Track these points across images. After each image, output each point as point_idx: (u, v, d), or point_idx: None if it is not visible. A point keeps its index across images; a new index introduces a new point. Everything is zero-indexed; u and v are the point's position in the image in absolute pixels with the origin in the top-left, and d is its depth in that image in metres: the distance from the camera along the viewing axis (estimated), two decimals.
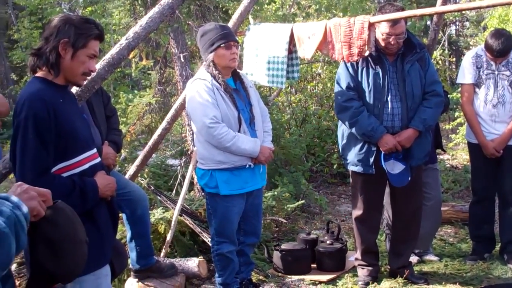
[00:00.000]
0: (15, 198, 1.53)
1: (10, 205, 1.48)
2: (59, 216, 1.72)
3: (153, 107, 7.48)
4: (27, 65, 8.66)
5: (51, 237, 1.68)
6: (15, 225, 1.43)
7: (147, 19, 3.32)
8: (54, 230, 1.69)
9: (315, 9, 8.62)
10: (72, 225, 1.77)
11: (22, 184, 1.65)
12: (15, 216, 1.45)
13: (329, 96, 9.56)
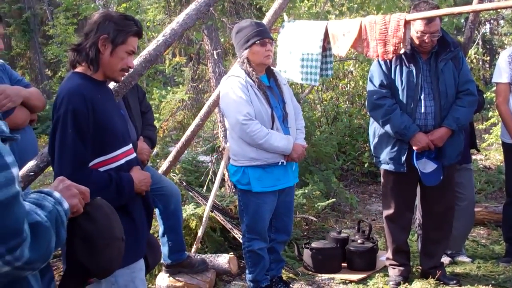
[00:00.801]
0: (58, 194, 1.55)
1: (53, 201, 1.51)
2: (97, 212, 1.75)
3: (186, 104, 7.54)
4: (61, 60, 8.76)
5: (88, 233, 1.71)
6: (56, 220, 1.46)
7: (184, 16, 3.34)
8: (92, 226, 1.72)
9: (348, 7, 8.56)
10: (109, 222, 1.80)
11: (65, 180, 1.69)
12: (57, 212, 1.48)
13: (361, 94, 9.49)
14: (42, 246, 1.37)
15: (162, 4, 5.78)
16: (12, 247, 1.28)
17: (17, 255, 1.29)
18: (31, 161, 3.09)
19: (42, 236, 1.37)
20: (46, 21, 16.27)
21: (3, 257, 1.28)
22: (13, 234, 1.28)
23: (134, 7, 8.87)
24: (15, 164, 1.35)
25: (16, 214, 1.29)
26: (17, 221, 1.29)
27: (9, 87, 3.17)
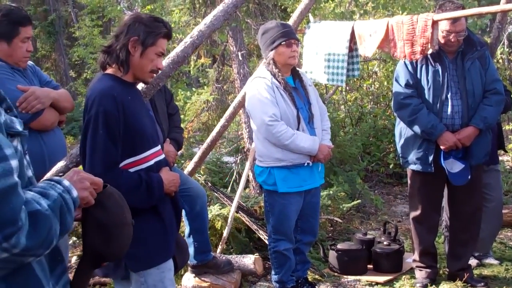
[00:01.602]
0: (67, 183, 1.60)
1: (61, 188, 1.56)
2: (109, 200, 1.80)
3: (211, 105, 7.56)
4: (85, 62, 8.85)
5: (101, 221, 1.77)
6: (61, 207, 1.51)
7: (212, 17, 3.34)
8: (104, 214, 1.77)
9: (372, 7, 8.52)
10: (120, 209, 1.85)
11: (79, 172, 1.72)
12: (62, 200, 1.53)
13: (385, 94, 9.43)
14: (41, 233, 1.42)
15: (187, 6, 5.81)
16: (7, 235, 1.33)
17: (13, 242, 1.35)
18: (60, 161, 3.13)
19: (41, 224, 1.42)
20: (71, 23, 16.45)
21: (0, 244, 1.33)
22: (8, 222, 1.34)
23: (159, 9, 8.93)
24: (14, 157, 1.40)
25: (12, 204, 1.35)
26: (13, 210, 1.35)
27: (38, 89, 3.21)
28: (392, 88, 4.43)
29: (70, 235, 4.27)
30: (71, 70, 16.34)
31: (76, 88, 14.05)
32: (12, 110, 1.58)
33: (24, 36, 3.20)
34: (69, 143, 10.91)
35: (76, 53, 12.48)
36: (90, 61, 11.84)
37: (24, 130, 1.58)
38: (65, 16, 17.30)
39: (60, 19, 16.79)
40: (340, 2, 8.54)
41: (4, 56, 3.18)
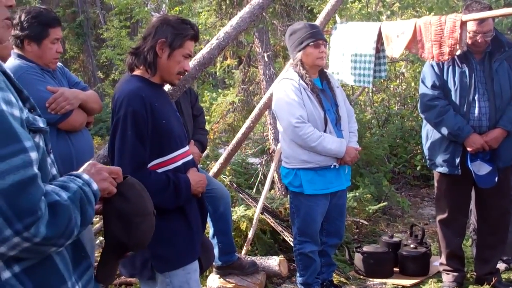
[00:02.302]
0: (86, 176, 1.64)
1: (81, 182, 1.59)
2: (130, 191, 1.81)
3: (236, 106, 7.57)
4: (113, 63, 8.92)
5: (123, 211, 1.78)
6: (81, 199, 1.54)
7: (238, 19, 3.35)
8: (125, 204, 1.79)
9: (399, 7, 8.46)
10: (142, 199, 1.86)
11: (96, 164, 1.76)
12: (82, 192, 1.56)
13: (412, 95, 9.34)
14: (61, 223, 1.46)
15: (214, 7, 5.83)
16: (28, 224, 1.38)
17: (33, 231, 1.39)
18: (87, 162, 3.16)
19: (61, 215, 1.46)
20: (98, 25, 16.63)
21: (21, 233, 1.38)
22: (29, 212, 1.38)
23: (186, 10, 8.97)
24: (34, 149, 1.44)
25: (32, 194, 1.39)
26: (33, 200, 1.39)
27: (67, 90, 3.25)
28: (419, 89, 4.38)
29: (97, 235, 4.31)
30: (99, 71, 16.51)
31: (103, 89, 14.20)
32: (35, 110, 1.63)
33: (54, 38, 3.24)
34: (97, 144, 11.03)
35: (104, 54, 12.61)
36: (117, 62, 11.95)
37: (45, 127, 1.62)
38: (93, 18, 17.51)
39: (88, 21, 17.00)
40: (367, 2, 8.49)
41: (34, 57, 3.23)
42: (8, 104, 1.43)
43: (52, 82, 3.27)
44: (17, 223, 1.36)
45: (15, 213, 1.36)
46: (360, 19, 7.47)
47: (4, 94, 1.44)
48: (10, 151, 1.38)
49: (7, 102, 1.43)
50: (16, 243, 1.39)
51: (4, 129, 1.39)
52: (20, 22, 3.17)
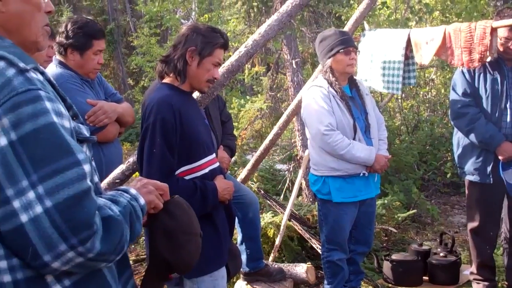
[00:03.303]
0: (134, 191, 1.64)
1: (128, 197, 1.59)
2: (177, 209, 1.81)
3: (264, 113, 7.59)
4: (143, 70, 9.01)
5: (169, 228, 1.78)
6: (130, 214, 1.53)
7: (266, 27, 3.36)
8: (172, 222, 1.78)
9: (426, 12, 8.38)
10: (189, 218, 1.86)
11: (142, 179, 1.77)
12: (131, 207, 1.55)
13: (442, 102, 9.24)
14: (114, 239, 1.44)
15: (242, 15, 5.86)
16: (83, 238, 1.35)
17: (89, 246, 1.36)
18: (117, 168, 3.20)
19: (114, 229, 1.44)
20: (129, 32, 16.82)
21: (76, 248, 1.35)
22: (84, 226, 1.36)
23: (215, 18, 9.03)
24: (87, 161, 1.42)
25: (87, 208, 1.37)
26: (88, 214, 1.37)
27: (106, 104, 3.30)
28: (449, 96, 4.33)
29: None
30: (129, 78, 16.67)
31: (133, 95, 14.34)
32: (78, 117, 1.61)
33: (97, 49, 3.31)
34: (126, 150, 11.14)
35: (134, 61, 12.72)
36: (147, 69, 12.06)
37: (92, 136, 1.63)
38: (123, 26, 17.71)
39: (118, 29, 17.20)
40: (395, 9, 8.43)
41: (76, 66, 3.29)
42: (59, 116, 1.41)
43: (90, 92, 3.34)
44: (72, 238, 1.34)
45: (70, 228, 1.33)
46: (388, 25, 7.42)
47: (54, 105, 1.41)
48: (64, 164, 1.36)
49: (58, 113, 1.41)
50: (70, 258, 1.36)
51: (57, 142, 1.37)
52: (66, 30, 3.25)
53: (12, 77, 1.38)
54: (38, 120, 1.35)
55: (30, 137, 1.34)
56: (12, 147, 1.33)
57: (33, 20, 1.55)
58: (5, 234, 1.35)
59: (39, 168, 1.33)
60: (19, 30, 1.53)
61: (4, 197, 1.33)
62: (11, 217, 1.33)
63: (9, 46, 1.46)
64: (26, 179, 1.33)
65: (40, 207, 1.32)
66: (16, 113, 1.34)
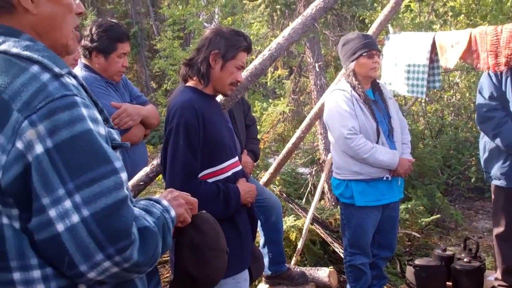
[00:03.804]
0: (166, 202, 1.61)
1: (161, 208, 1.57)
2: (204, 224, 1.80)
3: (287, 116, 7.59)
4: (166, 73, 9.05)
5: (196, 243, 1.76)
6: (163, 226, 1.51)
7: (290, 30, 3.36)
8: (199, 236, 1.77)
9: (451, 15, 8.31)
10: (216, 234, 1.84)
11: (173, 191, 1.75)
12: (164, 219, 1.53)
13: (467, 106, 9.15)
14: (150, 250, 1.41)
15: (266, 18, 5.88)
16: (121, 248, 1.33)
17: (127, 256, 1.34)
18: (141, 171, 3.22)
19: (150, 240, 1.42)
20: (152, 36, 16.94)
21: (112, 257, 1.33)
22: (122, 235, 1.33)
23: (238, 21, 9.05)
24: (123, 169, 1.40)
25: (124, 217, 1.35)
26: (126, 223, 1.35)
27: (130, 106, 3.32)
28: (474, 99, 4.29)
29: None
30: (152, 81, 16.80)
31: (156, 98, 14.42)
32: (109, 122, 1.58)
33: (121, 52, 3.33)
34: (149, 152, 11.19)
35: (157, 64, 12.80)
36: (170, 73, 12.12)
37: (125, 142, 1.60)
38: (146, 29, 17.84)
39: (142, 32, 17.34)
40: (420, 12, 8.38)
41: (100, 69, 3.32)
42: (95, 122, 1.39)
43: (115, 95, 3.36)
44: (109, 247, 1.32)
45: (107, 237, 1.31)
46: (412, 29, 7.38)
47: (90, 112, 1.38)
48: (101, 173, 1.33)
49: (94, 119, 1.39)
50: (106, 268, 1.35)
51: (94, 150, 1.34)
52: (91, 34, 3.28)
53: (47, 82, 1.35)
54: (74, 127, 1.32)
55: (66, 144, 1.31)
56: (48, 155, 1.30)
57: (64, 22, 1.52)
58: (40, 243, 1.33)
59: (76, 177, 1.31)
60: (49, 33, 1.49)
61: (40, 205, 1.31)
62: (47, 226, 1.31)
63: (42, 49, 1.43)
64: (63, 188, 1.30)
65: (77, 216, 1.30)
66: (52, 119, 1.30)
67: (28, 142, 1.30)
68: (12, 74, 1.35)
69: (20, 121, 1.30)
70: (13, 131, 1.30)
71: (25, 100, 1.31)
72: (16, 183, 1.31)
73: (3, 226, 1.35)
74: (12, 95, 1.32)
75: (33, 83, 1.33)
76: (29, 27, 1.46)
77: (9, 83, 1.33)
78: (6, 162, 1.30)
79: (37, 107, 1.30)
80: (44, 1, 1.46)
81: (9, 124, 1.30)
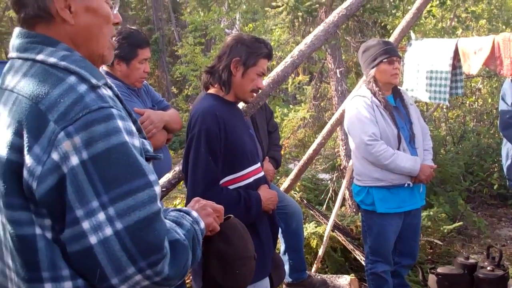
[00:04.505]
0: (195, 214, 1.61)
1: (190, 220, 1.56)
2: (232, 232, 1.79)
3: (307, 122, 7.57)
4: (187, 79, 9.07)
5: (224, 252, 1.76)
6: (193, 239, 1.50)
7: (312, 37, 3.36)
8: (227, 246, 1.77)
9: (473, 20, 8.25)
10: (243, 242, 1.84)
11: (200, 200, 1.75)
12: (194, 231, 1.53)
13: (489, 112, 9.05)
14: (180, 263, 1.41)
15: (287, 24, 5.88)
16: (153, 262, 1.33)
17: (158, 270, 1.34)
18: (163, 177, 3.24)
19: (180, 254, 1.41)
20: (173, 41, 17.06)
21: (144, 271, 1.32)
22: (155, 249, 1.33)
23: (260, 27, 9.07)
24: (157, 183, 1.39)
25: (157, 231, 1.34)
26: (159, 237, 1.34)
27: (152, 113, 3.34)
28: (497, 105, 4.25)
29: None
30: (173, 86, 16.90)
31: (177, 104, 14.51)
32: (141, 132, 1.57)
33: (142, 58, 3.36)
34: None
35: (178, 70, 12.89)
36: (191, 78, 12.19)
37: (159, 155, 1.59)
38: (168, 35, 17.98)
39: (163, 38, 17.48)
40: (442, 18, 8.32)
41: (122, 76, 3.35)
42: (130, 135, 1.38)
43: (137, 101, 3.39)
44: (141, 261, 1.31)
45: (140, 251, 1.31)
46: (434, 35, 7.33)
47: (125, 124, 1.38)
48: (136, 186, 1.33)
49: (129, 132, 1.38)
50: (137, 281, 1.34)
51: (129, 162, 1.34)
52: None
53: (84, 94, 1.34)
54: (110, 140, 1.32)
55: (102, 157, 1.30)
56: (83, 167, 1.29)
57: (101, 33, 1.52)
58: (72, 254, 1.33)
59: (110, 189, 1.30)
60: (87, 43, 1.50)
61: (74, 217, 1.30)
62: (80, 238, 1.31)
63: (79, 60, 1.43)
64: (97, 200, 1.30)
65: (110, 229, 1.30)
66: (88, 131, 1.30)
67: (64, 154, 1.29)
68: (50, 84, 1.35)
69: (57, 132, 1.30)
70: (49, 142, 1.30)
71: (62, 111, 1.31)
72: (50, 194, 1.31)
73: (36, 236, 1.36)
74: (49, 105, 1.32)
75: (70, 94, 1.33)
76: (67, 37, 1.46)
77: (46, 94, 1.33)
78: (41, 172, 1.30)
79: (74, 119, 1.30)
80: (82, 12, 1.47)
81: (45, 134, 1.30)
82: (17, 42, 1.46)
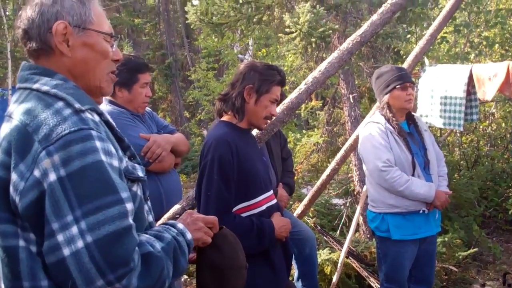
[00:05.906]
0: (181, 226, 1.69)
1: (175, 231, 1.64)
2: (224, 243, 1.83)
3: (320, 147, 7.56)
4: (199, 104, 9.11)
5: (216, 263, 1.81)
6: (174, 250, 1.57)
7: (326, 64, 3.38)
8: (219, 256, 1.81)
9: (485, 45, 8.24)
10: (235, 252, 1.87)
11: (193, 213, 1.81)
12: (176, 242, 1.60)
13: (503, 136, 8.99)
14: (153, 275, 1.47)
15: (300, 50, 5.90)
16: (120, 275, 1.39)
17: (125, 283, 1.41)
18: (177, 204, 3.24)
19: (154, 265, 1.48)
20: (186, 66, 17.18)
21: (113, 284, 1.39)
22: (122, 263, 1.40)
23: (273, 52, 9.13)
24: (130, 200, 1.48)
25: (126, 245, 1.41)
26: (127, 251, 1.41)
27: (159, 137, 3.35)
28: (511, 130, 4.22)
29: None
30: (186, 111, 17.00)
31: (190, 128, 14.58)
32: (135, 158, 1.68)
33: (143, 82, 3.38)
34: (182, 182, 11.27)
35: (191, 95, 12.97)
36: (204, 103, 12.27)
37: (143, 176, 1.67)
38: (181, 60, 18.11)
39: (176, 63, 17.61)
40: (455, 43, 8.32)
41: (125, 102, 3.37)
42: (108, 155, 1.48)
43: (142, 127, 3.40)
44: (109, 274, 1.38)
45: (108, 264, 1.38)
46: (448, 60, 7.32)
47: (104, 145, 1.48)
48: (107, 201, 1.42)
49: (107, 152, 1.48)
50: None
51: (102, 180, 1.43)
52: None
53: (67, 117, 1.46)
54: (86, 158, 1.42)
55: (77, 174, 1.40)
56: (60, 183, 1.39)
57: (98, 66, 1.65)
58: (49, 266, 1.41)
59: (83, 204, 1.39)
60: (83, 75, 1.63)
61: (50, 230, 1.39)
62: (55, 250, 1.39)
63: (71, 88, 1.56)
64: (71, 214, 1.38)
65: (82, 242, 1.37)
66: (67, 150, 1.41)
67: (44, 171, 1.40)
68: (39, 109, 1.48)
69: (39, 151, 1.41)
70: (32, 160, 1.42)
71: (46, 132, 1.43)
72: (31, 208, 1.42)
73: (19, 248, 1.46)
74: (35, 127, 1.44)
75: (55, 117, 1.45)
76: (65, 69, 1.60)
77: (34, 117, 1.46)
78: (24, 188, 1.42)
79: (55, 139, 1.42)
80: (79, 47, 1.61)
81: (30, 154, 1.43)
82: (21, 74, 1.62)
